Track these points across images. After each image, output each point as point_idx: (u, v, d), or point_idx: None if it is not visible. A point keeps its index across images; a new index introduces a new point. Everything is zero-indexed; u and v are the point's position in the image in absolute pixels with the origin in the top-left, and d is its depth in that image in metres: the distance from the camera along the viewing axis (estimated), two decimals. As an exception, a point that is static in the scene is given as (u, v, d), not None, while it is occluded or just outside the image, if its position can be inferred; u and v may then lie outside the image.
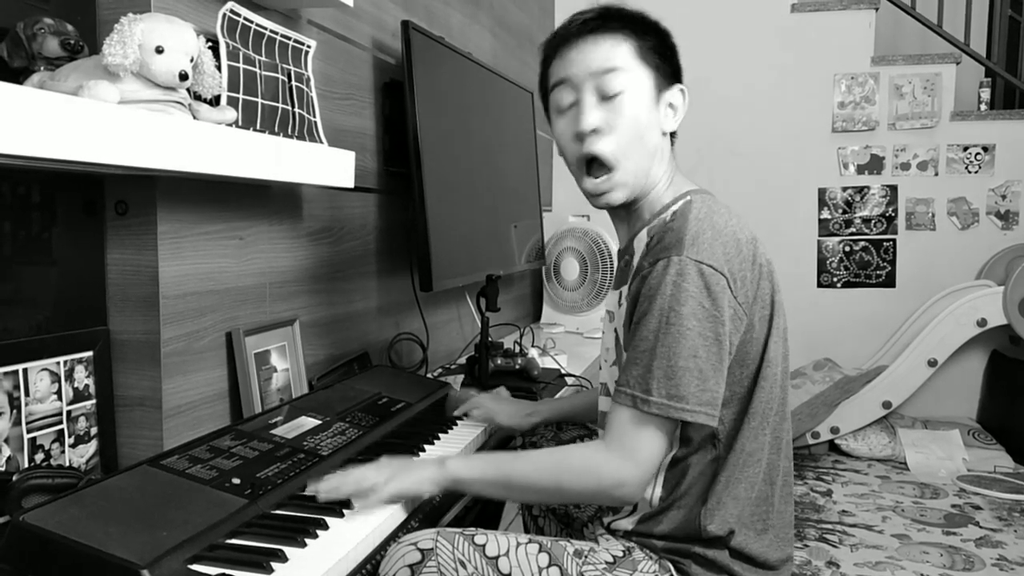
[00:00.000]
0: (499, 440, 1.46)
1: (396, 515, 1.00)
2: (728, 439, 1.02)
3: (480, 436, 1.37)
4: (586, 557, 1.00)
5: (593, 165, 1.07)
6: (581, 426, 1.43)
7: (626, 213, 1.13)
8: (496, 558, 0.97)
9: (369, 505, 0.98)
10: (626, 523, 1.08)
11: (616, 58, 1.02)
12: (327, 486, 0.98)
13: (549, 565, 0.98)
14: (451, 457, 1.05)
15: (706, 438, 1.02)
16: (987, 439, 3.04)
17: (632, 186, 1.07)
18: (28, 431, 1.02)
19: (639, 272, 0.99)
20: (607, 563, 1.00)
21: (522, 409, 1.41)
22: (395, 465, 1.04)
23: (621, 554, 1.03)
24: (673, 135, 1.13)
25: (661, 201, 1.09)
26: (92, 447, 1.12)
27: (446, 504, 1.14)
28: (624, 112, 1.03)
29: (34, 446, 1.03)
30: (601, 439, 0.98)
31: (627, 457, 0.95)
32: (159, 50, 0.95)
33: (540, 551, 0.99)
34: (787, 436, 1.07)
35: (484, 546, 0.98)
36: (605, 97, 1.03)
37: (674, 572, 1.02)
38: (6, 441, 0.99)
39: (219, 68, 1.10)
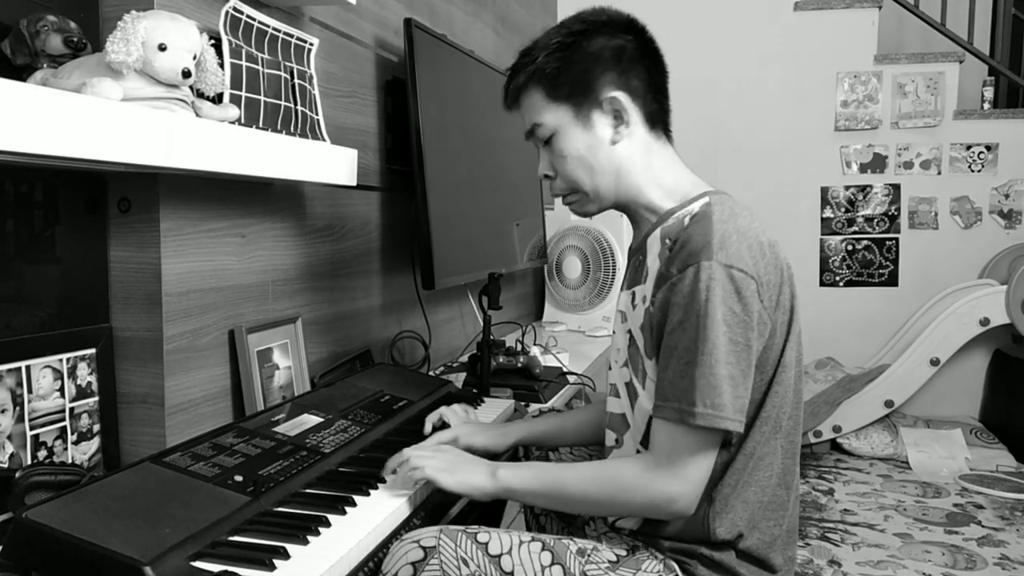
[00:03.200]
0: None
1: (399, 512, 1.00)
2: (739, 442, 1.01)
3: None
4: (589, 556, 1.00)
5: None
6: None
7: (631, 214, 1.13)
8: (499, 556, 0.97)
9: (402, 474, 1.04)
10: (631, 522, 1.08)
11: (533, 113, 1.09)
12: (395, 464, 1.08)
13: (552, 564, 0.98)
14: (503, 465, 1.06)
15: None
16: (989, 438, 3.04)
17: (602, 199, 1.11)
18: (31, 428, 1.02)
19: (666, 279, 0.98)
20: (610, 562, 1.00)
21: (495, 430, 1.30)
22: (451, 457, 1.08)
23: (624, 553, 1.02)
24: (668, 132, 1.12)
25: (663, 201, 1.08)
26: (95, 444, 1.12)
27: (449, 502, 1.14)
28: (562, 151, 1.08)
29: (37, 443, 1.03)
30: (650, 453, 0.97)
31: (676, 473, 0.94)
32: (162, 47, 0.95)
33: (543, 549, 0.99)
34: (799, 440, 1.07)
35: (487, 544, 0.97)
36: (546, 142, 1.10)
37: (679, 572, 1.01)
38: (9, 438, 0.99)
39: (222, 66, 1.10)
